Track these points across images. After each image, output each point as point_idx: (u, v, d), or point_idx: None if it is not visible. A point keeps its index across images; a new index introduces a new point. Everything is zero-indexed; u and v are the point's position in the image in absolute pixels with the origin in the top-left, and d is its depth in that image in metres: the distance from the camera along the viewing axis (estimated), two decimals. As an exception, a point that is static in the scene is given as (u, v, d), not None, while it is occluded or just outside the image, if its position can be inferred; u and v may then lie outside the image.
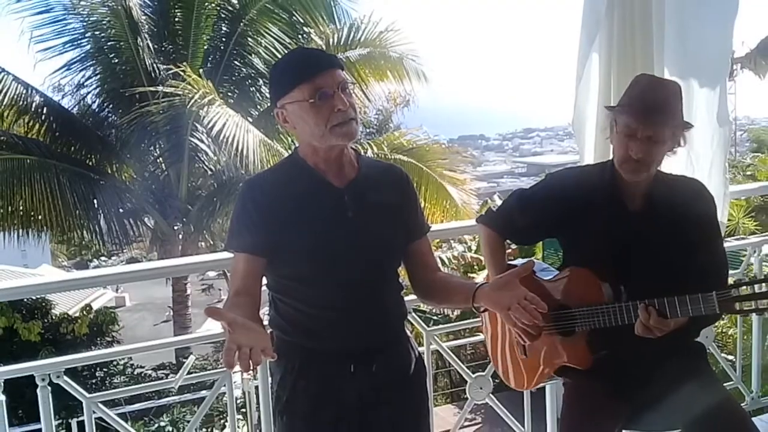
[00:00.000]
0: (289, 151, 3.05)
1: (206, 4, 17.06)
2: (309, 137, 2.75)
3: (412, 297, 3.34)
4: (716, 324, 5.44)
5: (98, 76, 17.32)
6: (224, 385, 3.86)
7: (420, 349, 3.29)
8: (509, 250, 3.70)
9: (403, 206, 3.00)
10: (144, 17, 17.05)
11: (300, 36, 17.82)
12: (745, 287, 2.74)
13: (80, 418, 4.99)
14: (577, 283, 3.23)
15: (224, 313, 2.27)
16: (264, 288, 2.86)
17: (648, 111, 3.11)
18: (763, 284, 2.71)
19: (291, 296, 2.75)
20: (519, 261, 3.58)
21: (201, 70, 16.30)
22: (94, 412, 3.57)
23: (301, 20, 17.64)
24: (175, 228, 17.63)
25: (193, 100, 14.62)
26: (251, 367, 2.22)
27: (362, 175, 2.89)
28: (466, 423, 12.42)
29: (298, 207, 2.76)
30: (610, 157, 3.74)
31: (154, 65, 16.60)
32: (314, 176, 2.81)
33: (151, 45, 16.83)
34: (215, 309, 2.30)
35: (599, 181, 3.31)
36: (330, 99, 2.67)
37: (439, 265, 3.22)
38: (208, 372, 4.39)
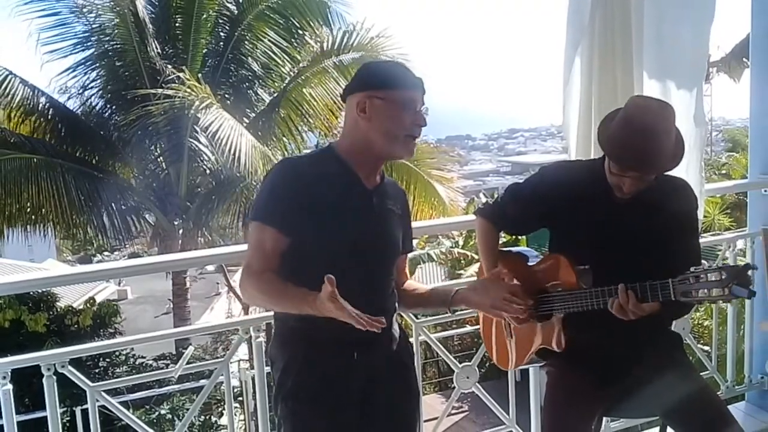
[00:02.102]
0: (282, 154, 3.08)
1: (206, 9, 17.04)
2: (377, 134, 2.83)
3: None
4: (692, 315, 5.46)
5: (102, 79, 17.27)
6: (222, 375, 3.86)
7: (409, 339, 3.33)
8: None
9: (404, 218, 3.12)
10: (146, 22, 17.00)
11: (295, 40, 17.83)
12: (702, 276, 2.74)
13: (84, 407, 4.99)
14: (555, 269, 3.26)
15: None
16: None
17: (638, 164, 3.06)
18: (715, 273, 2.70)
19: (302, 281, 2.70)
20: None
21: (200, 74, 16.35)
22: (97, 401, 3.57)
23: (297, 24, 17.60)
24: (175, 224, 17.58)
25: (192, 104, 14.65)
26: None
27: (384, 183, 3.01)
28: (454, 411, 12.45)
29: (333, 197, 2.80)
30: (591, 156, 3.78)
31: (156, 68, 16.54)
32: (351, 174, 2.88)
33: (153, 49, 16.77)
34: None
35: (588, 176, 3.32)
36: (418, 113, 2.84)
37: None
38: (206, 362, 4.40)
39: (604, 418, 3.90)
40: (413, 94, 2.84)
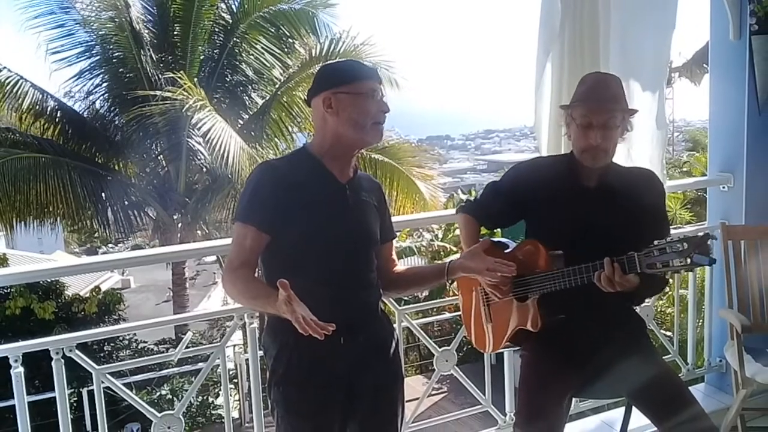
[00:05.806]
0: (274, 153, 3.08)
1: (202, 19, 17.04)
2: (346, 126, 2.84)
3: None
4: (655, 303, 5.48)
5: (106, 84, 17.31)
6: (218, 358, 3.85)
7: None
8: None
9: (381, 210, 3.13)
10: (146, 31, 17.00)
11: (286, 47, 17.85)
12: (665, 248, 2.75)
13: (90, 388, 4.99)
14: (529, 254, 3.27)
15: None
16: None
17: (600, 101, 3.19)
18: (677, 244, 2.72)
19: (288, 274, 2.66)
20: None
21: (197, 79, 16.36)
22: (102, 382, 3.57)
23: (287, 33, 17.64)
24: (175, 218, 17.57)
25: (187, 105, 14.67)
26: None
27: (357, 177, 3.01)
28: (434, 392, 12.44)
29: (309, 194, 2.82)
30: (561, 153, 3.79)
31: (156, 74, 16.54)
32: (323, 169, 2.90)
33: (152, 56, 16.77)
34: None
35: (560, 167, 3.36)
36: (380, 101, 2.86)
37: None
38: (203, 346, 4.38)
39: (574, 399, 3.90)
40: (373, 84, 2.86)
